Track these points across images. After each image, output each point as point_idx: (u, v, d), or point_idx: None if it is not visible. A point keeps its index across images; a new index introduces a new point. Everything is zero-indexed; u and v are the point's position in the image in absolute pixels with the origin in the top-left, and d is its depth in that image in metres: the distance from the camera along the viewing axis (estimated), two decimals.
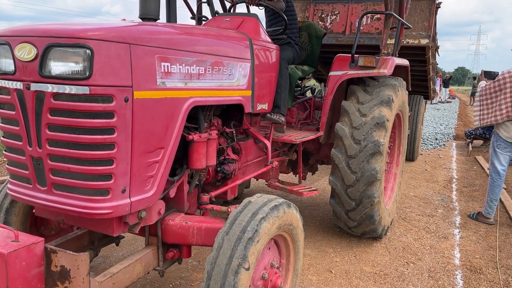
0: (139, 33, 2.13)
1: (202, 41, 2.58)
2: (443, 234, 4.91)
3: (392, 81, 4.13)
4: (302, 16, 6.70)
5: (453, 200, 6.29)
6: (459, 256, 4.35)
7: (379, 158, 3.81)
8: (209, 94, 2.63)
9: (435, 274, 3.93)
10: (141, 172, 2.20)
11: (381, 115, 3.83)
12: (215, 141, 2.74)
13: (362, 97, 3.98)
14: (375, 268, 3.95)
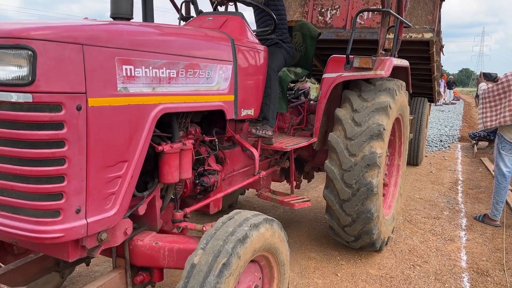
0: (94, 32, 1.87)
1: (174, 42, 2.33)
2: (449, 236, 4.86)
3: (390, 84, 3.85)
4: (301, 11, 6.44)
5: (459, 202, 6.20)
6: (466, 258, 4.31)
7: (376, 171, 3.54)
8: (182, 99, 2.37)
9: (441, 277, 3.89)
10: (100, 189, 1.95)
11: (377, 124, 3.56)
12: (190, 152, 2.48)
13: (357, 104, 3.70)
14: (381, 271, 3.92)
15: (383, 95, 3.72)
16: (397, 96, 3.87)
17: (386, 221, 4.07)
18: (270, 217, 2.26)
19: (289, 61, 4.21)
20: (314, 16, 6.30)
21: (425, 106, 8.12)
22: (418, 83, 8.19)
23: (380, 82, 3.85)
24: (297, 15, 6.46)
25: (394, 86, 3.85)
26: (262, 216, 2.23)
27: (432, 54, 6.37)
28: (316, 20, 6.30)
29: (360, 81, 3.87)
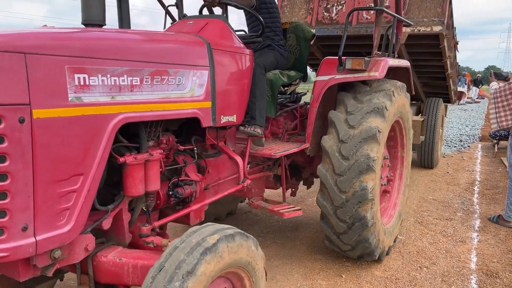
0: (39, 40, 1.78)
1: (137, 48, 2.22)
2: (460, 238, 4.73)
3: (386, 85, 3.66)
4: (307, 8, 6.30)
5: (474, 203, 6.01)
6: (476, 260, 4.19)
7: (371, 176, 3.35)
8: (148, 108, 2.26)
9: (448, 278, 3.80)
10: (51, 204, 1.85)
11: (372, 127, 3.37)
12: (156, 163, 2.36)
13: (351, 106, 3.53)
14: (386, 273, 3.86)
15: (379, 96, 3.54)
16: (395, 98, 3.68)
17: (386, 229, 3.86)
18: (242, 232, 2.12)
19: (283, 64, 4.06)
20: (320, 13, 6.15)
21: (440, 107, 7.81)
22: (432, 82, 7.91)
23: (376, 83, 3.66)
24: (303, 12, 6.33)
25: (391, 87, 3.65)
26: (232, 231, 2.09)
27: (443, 49, 6.10)
28: (321, 16, 6.15)
29: (356, 83, 3.70)
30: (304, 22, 6.25)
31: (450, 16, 6.32)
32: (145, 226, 2.41)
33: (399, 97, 3.80)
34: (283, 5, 6.51)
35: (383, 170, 4.00)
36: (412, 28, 5.60)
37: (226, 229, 2.11)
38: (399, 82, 3.89)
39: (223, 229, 2.09)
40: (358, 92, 3.62)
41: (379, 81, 3.69)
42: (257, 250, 2.24)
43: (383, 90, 3.59)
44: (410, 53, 6.52)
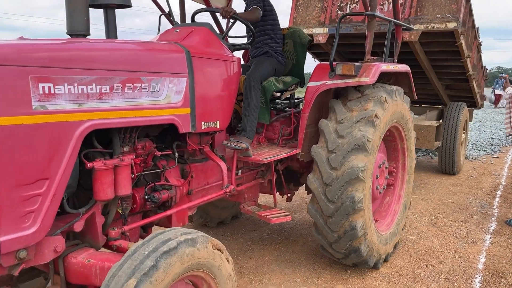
0: (3, 51, 1.89)
1: (106, 57, 2.30)
2: (472, 239, 4.77)
3: (379, 92, 3.61)
4: (321, 6, 6.33)
5: (493, 207, 5.98)
6: (484, 260, 4.24)
7: (360, 185, 3.32)
8: (118, 115, 2.34)
9: (452, 277, 3.89)
10: (15, 207, 1.95)
11: (360, 136, 3.34)
12: (127, 168, 2.43)
13: (341, 115, 3.51)
14: (391, 269, 3.99)
15: (370, 103, 3.50)
16: (389, 104, 3.62)
17: (381, 236, 3.80)
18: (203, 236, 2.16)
19: (280, 71, 4.11)
20: (334, 11, 6.15)
21: (462, 111, 7.56)
22: (455, 84, 7.67)
23: (369, 89, 3.63)
24: (317, 11, 6.36)
25: (384, 94, 3.60)
26: (194, 235, 2.14)
27: (460, 47, 5.94)
28: (335, 14, 6.16)
29: (349, 89, 3.67)
30: (318, 20, 6.29)
31: (468, 14, 6.15)
32: (113, 229, 2.49)
33: (394, 102, 3.73)
34: (298, 4, 6.56)
35: (381, 176, 3.94)
36: (426, 25, 5.51)
37: (189, 233, 2.15)
38: (394, 87, 3.83)
39: (185, 233, 2.14)
40: (349, 100, 3.59)
41: (372, 87, 3.65)
42: (222, 253, 2.27)
43: (374, 97, 3.54)
44: (427, 52, 6.39)
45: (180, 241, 2.04)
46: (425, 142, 6.58)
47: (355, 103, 3.52)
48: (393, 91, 3.76)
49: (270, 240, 4.64)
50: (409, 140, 4.22)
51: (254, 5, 3.75)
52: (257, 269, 3.94)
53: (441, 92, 7.84)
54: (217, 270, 2.26)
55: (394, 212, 4.22)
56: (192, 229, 2.23)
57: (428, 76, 7.04)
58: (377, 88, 3.65)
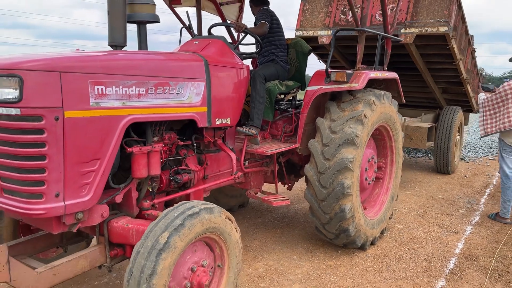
0: (70, 61, 2.52)
1: (143, 65, 2.93)
2: (454, 229, 5.26)
3: (369, 95, 4.20)
4: (326, 11, 6.99)
5: (480, 203, 6.48)
6: (462, 247, 4.73)
7: (348, 174, 3.91)
8: (151, 111, 2.96)
9: (430, 258, 4.40)
10: (76, 179, 2.58)
11: (350, 132, 3.93)
12: (157, 153, 3.06)
13: (335, 114, 4.10)
14: (377, 251, 4.54)
15: (360, 105, 4.08)
16: (376, 106, 4.21)
17: (369, 221, 4.38)
18: (212, 206, 2.78)
19: (284, 75, 4.72)
20: (337, 15, 6.80)
21: (456, 115, 8.11)
22: (450, 88, 8.23)
23: (360, 93, 4.22)
24: (322, 15, 7.00)
25: (372, 97, 4.19)
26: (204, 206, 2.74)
27: (452, 50, 6.54)
28: (338, 18, 6.80)
29: (343, 93, 4.26)
30: (323, 24, 6.92)
31: (461, 20, 6.76)
32: (146, 202, 3.12)
33: (382, 105, 4.32)
34: (305, 9, 7.22)
35: (370, 169, 4.53)
36: (420, 29, 6.11)
37: (207, 204, 2.76)
38: (382, 91, 4.42)
39: (205, 203, 2.75)
40: (342, 101, 4.19)
41: (364, 91, 4.24)
42: (222, 217, 2.83)
43: (364, 99, 4.14)
44: (423, 55, 6.99)
45: (201, 208, 2.66)
46: (417, 142, 7.16)
47: (347, 105, 4.12)
48: (381, 95, 4.35)
49: (272, 225, 5.28)
50: (397, 139, 4.80)
51: (263, 20, 4.37)
52: (260, 248, 4.57)
53: (438, 95, 8.41)
54: (227, 236, 2.88)
55: (382, 202, 4.80)
56: (201, 201, 2.82)
57: (425, 79, 7.61)
58: (367, 92, 4.24)
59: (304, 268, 4.12)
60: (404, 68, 7.78)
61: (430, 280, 3.94)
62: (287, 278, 3.91)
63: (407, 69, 7.70)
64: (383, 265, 4.20)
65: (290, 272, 4.03)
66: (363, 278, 3.95)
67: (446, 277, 4.00)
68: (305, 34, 7.19)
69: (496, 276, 4.04)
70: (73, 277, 2.77)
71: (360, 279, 3.93)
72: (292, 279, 3.90)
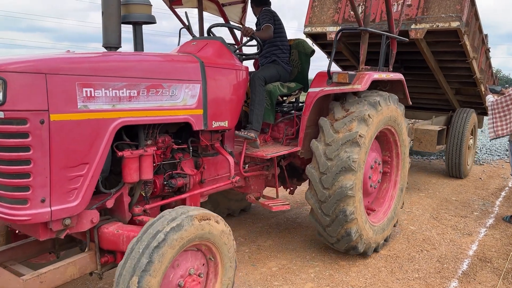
0: (57, 63, 2.45)
1: (135, 67, 2.85)
2: (468, 231, 5.20)
3: (374, 96, 4.08)
4: (335, 7, 6.91)
5: (495, 205, 6.37)
6: (475, 248, 4.68)
7: (351, 175, 3.79)
8: (144, 114, 2.88)
9: (443, 259, 4.37)
10: (63, 184, 2.50)
11: (353, 132, 3.81)
12: (149, 157, 2.97)
13: (338, 113, 3.99)
14: (390, 252, 4.53)
15: (365, 105, 3.95)
16: (381, 107, 4.07)
17: (373, 227, 4.24)
18: (207, 213, 2.68)
19: (285, 77, 4.61)
20: (346, 12, 6.70)
21: (469, 118, 7.89)
22: (464, 88, 8.02)
23: (365, 94, 4.09)
24: (331, 11, 6.92)
25: (378, 98, 4.06)
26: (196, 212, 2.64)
27: (465, 46, 6.36)
28: (348, 15, 6.71)
29: (348, 94, 4.14)
30: (332, 20, 6.84)
31: (474, 17, 6.61)
32: (137, 207, 3.03)
33: (387, 107, 4.19)
34: (314, 5, 7.13)
35: (375, 173, 4.39)
36: (431, 24, 5.97)
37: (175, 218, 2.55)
38: (387, 93, 4.28)
39: (172, 220, 2.51)
40: (347, 101, 4.07)
41: (368, 92, 4.11)
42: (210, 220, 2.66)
43: (369, 100, 4.01)
44: (435, 53, 6.84)
45: (167, 232, 2.42)
46: (427, 146, 6.98)
47: (351, 105, 3.99)
48: (386, 96, 4.21)
49: (285, 225, 5.28)
50: (403, 141, 4.65)
51: (266, 23, 4.28)
52: (273, 247, 4.59)
53: (451, 96, 8.19)
54: (208, 235, 2.67)
55: (388, 206, 4.65)
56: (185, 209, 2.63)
57: (437, 78, 7.42)
58: (370, 93, 4.11)
59: (317, 267, 4.13)
60: (415, 67, 7.61)
61: (442, 281, 3.91)
62: (300, 277, 3.93)
63: (419, 68, 7.53)
64: (396, 266, 4.20)
65: (303, 271, 4.05)
66: (375, 278, 3.95)
67: (459, 278, 3.97)
68: (314, 30, 7.08)
69: (509, 278, 3.99)
70: (61, 284, 2.69)
71: (372, 279, 3.93)
72: (305, 278, 3.92)
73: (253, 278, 3.87)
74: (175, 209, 2.62)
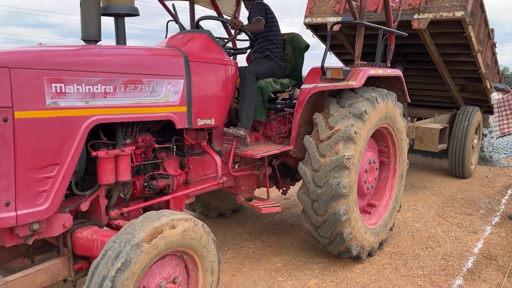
0: (22, 56, 2.27)
1: (110, 61, 2.67)
2: (474, 229, 5.15)
3: (371, 93, 3.88)
4: None
5: (501, 203, 6.30)
6: (480, 246, 4.64)
7: (345, 173, 3.60)
8: (121, 111, 2.70)
9: (448, 257, 4.33)
10: (30, 186, 2.33)
11: (348, 128, 3.62)
12: (126, 157, 2.79)
13: (333, 109, 3.80)
14: (395, 249, 4.50)
15: (361, 102, 3.76)
16: (379, 104, 3.88)
17: (369, 230, 4.06)
18: (188, 217, 2.50)
19: (279, 73, 4.42)
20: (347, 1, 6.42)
21: (474, 116, 7.67)
22: (468, 84, 7.80)
23: (362, 90, 3.90)
24: (332, 1, 6.75)
25: (375, 95, 3.87)
26: (176, 216, 2.47)
27: (469, 38, 6.14)
28: None
29: (344, 90, 3.94)
30: (333, 10, 6.64)
31: (479, 8, 6.40)
32: (113, 210, 2.85)
33: (384, 104, 3.99)
34: None
35: (371, 172, 4.21)
36: (434, 14, 5.76)
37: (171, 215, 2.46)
38: (385, 90, 4.09)
39: (128, 241, 2.28)
40: (342, 97, 3.87)
41: (365, 89, 3.92)
42: (163, 232, 2.36)
43: (366, 96, 3.81)
44: (438, 45, 6.62)
45: (113, 277, 2.16)
46: (428, 144, 6.76)
47: (347, 100, 3.80)
48: (383, 93, 4.02)
49: (289, 222, 5.25)
50: (400, 140, 4.44)
51: (257, 15, 4.09)
52: (278, 243, 4.57)
53: (456, 93, 7.94)
54: (168, 245, 2.38)
55: (385, 206, 4.45)
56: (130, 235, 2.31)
57: (441, 73, 7.19)
58: (367, 90, 3.92)
59: (321, 263, 4.12)
60: (419, 61, 7.38)
61: (447, 278, 3.89)
62: (304, 273, 3.92)
63: (422, 62, 7.29)
64: (400, 263, 4.17)
65: (307, 267, 4.03)
66: (379, 274, 3.93)
67: (463, 276, 3.95)
68: (314, 21, 6.86)
69: None
70: None
71: (376, 275, 3.91)
72: (309, 274, 3.90)
73: (257, 273, 3.88)
74: (120, 236, 2.31)
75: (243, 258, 4.17)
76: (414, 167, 8.67)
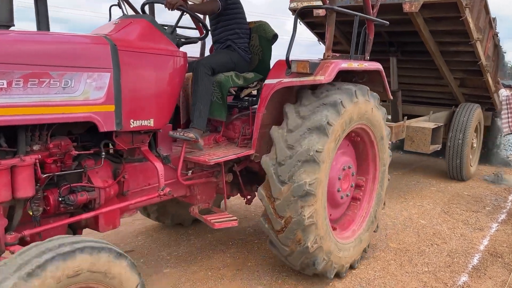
0: None
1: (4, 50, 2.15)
2: (479, 226, 5.05)
3: (350, 86, 3.39)
4: None
5: (508, 201, 6.17)
6: (486, 243, 4.55)
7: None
8: (18, 112, 2.19)
9: (453, 254, 4.25)
10: None
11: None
12: (28, 168, 2.28)
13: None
14: (400, 245, 4.42)
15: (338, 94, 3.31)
16: (357, 99, 3.40)
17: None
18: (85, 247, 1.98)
19: (243, 66, 3.91)
20: None
21: (474, 113, 7.09)
22: (468, 79, 7.19)
23: (340, 83, 3.40)
24: None
25: (354, 88, 3.39)
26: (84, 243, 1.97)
27: (466, 23, 5.59)
28: None
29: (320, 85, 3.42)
30: None
31: None
32: (10, 234, 2.33)
33: (361, 102, 3.47)
34: None
35: (346, 179, 3.71)
36: None
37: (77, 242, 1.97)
38: (365, 87, 3.58)
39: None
40: (318, 88, 3.39)
41: (337, 84, 3.41)
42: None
43: (344, 89, 3.35)
44: (434, 33, 6.09)
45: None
46: (420, 145, 6.21)
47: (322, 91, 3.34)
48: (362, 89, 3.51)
49: None
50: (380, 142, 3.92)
51: None
52: None
53: (455, 89, 7.35)
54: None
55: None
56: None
57: (438, 65, 6.64)
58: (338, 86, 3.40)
59: None
60: (414, 52, 6.82)
61: (452, 275, 3.84)
62: None
63: (418, 53, 6.74)
64: (405, 259, 4.11)
65: None
66: (384, 271, 3.87)
67: (469, 273, 3.89)
68: (300, 5, 6.25)
69: None
70: None
71: (381, 271, 3.85)
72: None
73: (262, 268, 3.83)
74: None
75: (248, 253, 4.13)
76: (419, 164, 8.46)
